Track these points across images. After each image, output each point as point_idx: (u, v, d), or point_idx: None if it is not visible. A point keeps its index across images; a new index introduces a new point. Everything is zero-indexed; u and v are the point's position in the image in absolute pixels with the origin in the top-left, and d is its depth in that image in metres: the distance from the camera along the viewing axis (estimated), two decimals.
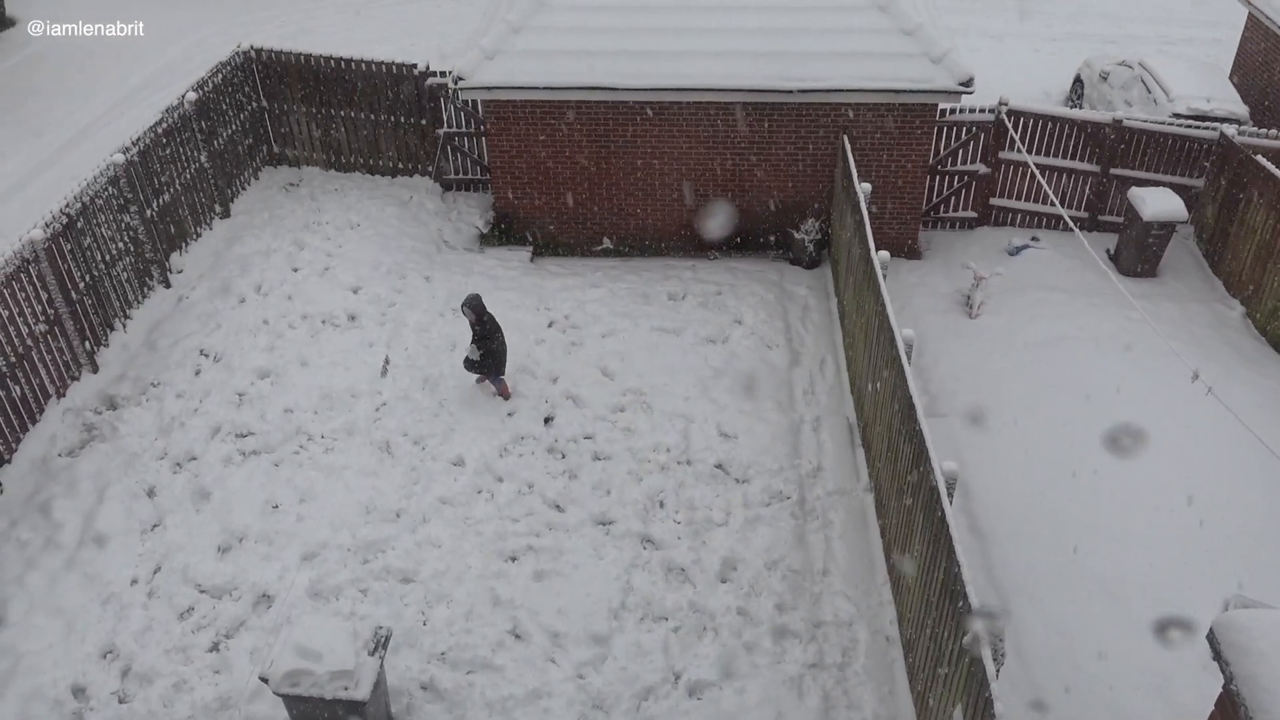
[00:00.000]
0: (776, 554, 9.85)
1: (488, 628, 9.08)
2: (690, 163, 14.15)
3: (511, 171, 14.40)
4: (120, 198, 12.40)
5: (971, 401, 11.63)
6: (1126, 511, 9.91)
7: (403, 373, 12.12)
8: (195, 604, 9.31)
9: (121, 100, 18.63)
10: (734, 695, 8.53)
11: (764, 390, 11.99)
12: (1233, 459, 10.37)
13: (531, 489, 10.56)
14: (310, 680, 7.37)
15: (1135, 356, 11.98)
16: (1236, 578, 9.14)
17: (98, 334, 12.02)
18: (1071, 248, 14.38)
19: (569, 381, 12.01)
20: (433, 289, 13.68)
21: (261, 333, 12.53)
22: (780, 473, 10.82)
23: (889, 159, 13.96)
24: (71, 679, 8.60)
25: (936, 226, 15.36)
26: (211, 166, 14.45)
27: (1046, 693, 8.39)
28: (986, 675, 6.09)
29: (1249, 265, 13.31)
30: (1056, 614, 9.04)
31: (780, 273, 14.38)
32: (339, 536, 9.92)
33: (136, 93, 18.90)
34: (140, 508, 10.23)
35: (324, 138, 15.80)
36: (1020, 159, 14.51)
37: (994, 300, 13.30)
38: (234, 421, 11.26)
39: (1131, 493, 10.10)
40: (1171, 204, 13.58)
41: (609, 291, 13.78)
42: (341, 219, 14.76)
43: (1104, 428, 10.81)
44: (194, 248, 14.11)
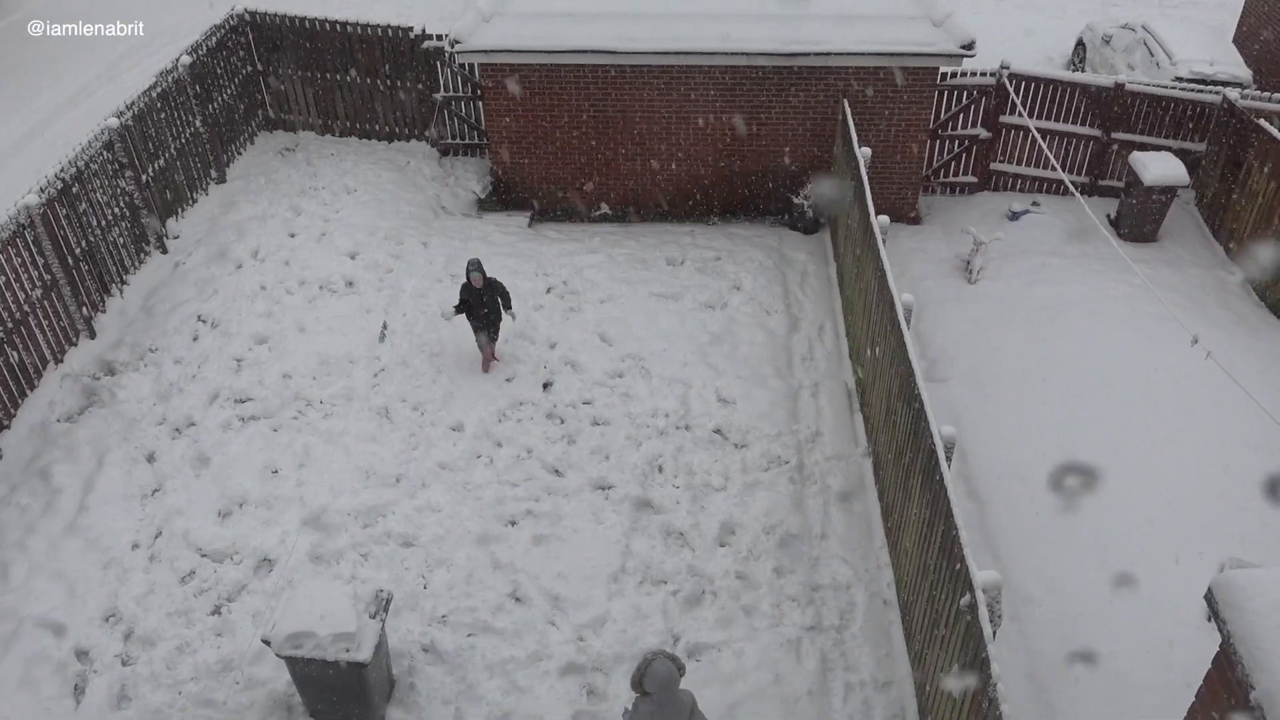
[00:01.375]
0: (775, 518, 9.89)
1: (488, 591, 9.13)
2: (689, 127, 14.05)
3: (509, 136, 14.31)
4: (115, 162, 12.32)
5: (970, 367, 11.63)
6: (1125, 476, 9.94)
7: (401, 338, 12.10)
8: (196, 568, 9.35)
9: (115, 64, 18.46)
10: (732, 658, 8.60)
11: (762, 355, 11.98)
12: (1232, 424, 10.39)
13: (530, 454, 10.58)
14: (312, 642, 7.42)
15: (1135, 322, 11.97)
16: (1234, 541, 9.19)
17: (95, 300, 11.98)
18: (1072, 212, 14.34)
19: (567, 347, 12.00)
20: (430, 255, 13.63)
21: (259, 298, 12.50)
22: (779, 438, 10.84)
23: (889, 123, 13.87)
24: (74, 642, 8.65)
25: (936, 191, 15.30)
26: (206, 131, 14.34)
27: (1043, 654, 8.46)
28: (984, 636, 6.13)
29: (1251, 230, 13.27)
30: (1054, 577, 9.09)
31: (779, 238, 14.33)
32: (339, 501, 9.95)
33: (132, 54, 18.72)
34: (140, 473, 10.25)
35: (320, 102, 15.68)
36: (1021, 123, 14.43)
37: (994, 265, 13.27)
38: (232, 387, 11.25)
39: (1130, 458, 10.13)
40: (1173, 168, 13.52)
41: (607, 257, 13.74)
42: (338, 184, 14.68)
43: (1103, 393, 10.83)
44: (190, 213, 14.04)
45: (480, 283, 10.94)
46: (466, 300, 11.11)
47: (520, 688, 8.36)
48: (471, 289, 11.03)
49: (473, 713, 8.16)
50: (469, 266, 10.95)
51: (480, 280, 10.93)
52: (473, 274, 10.91)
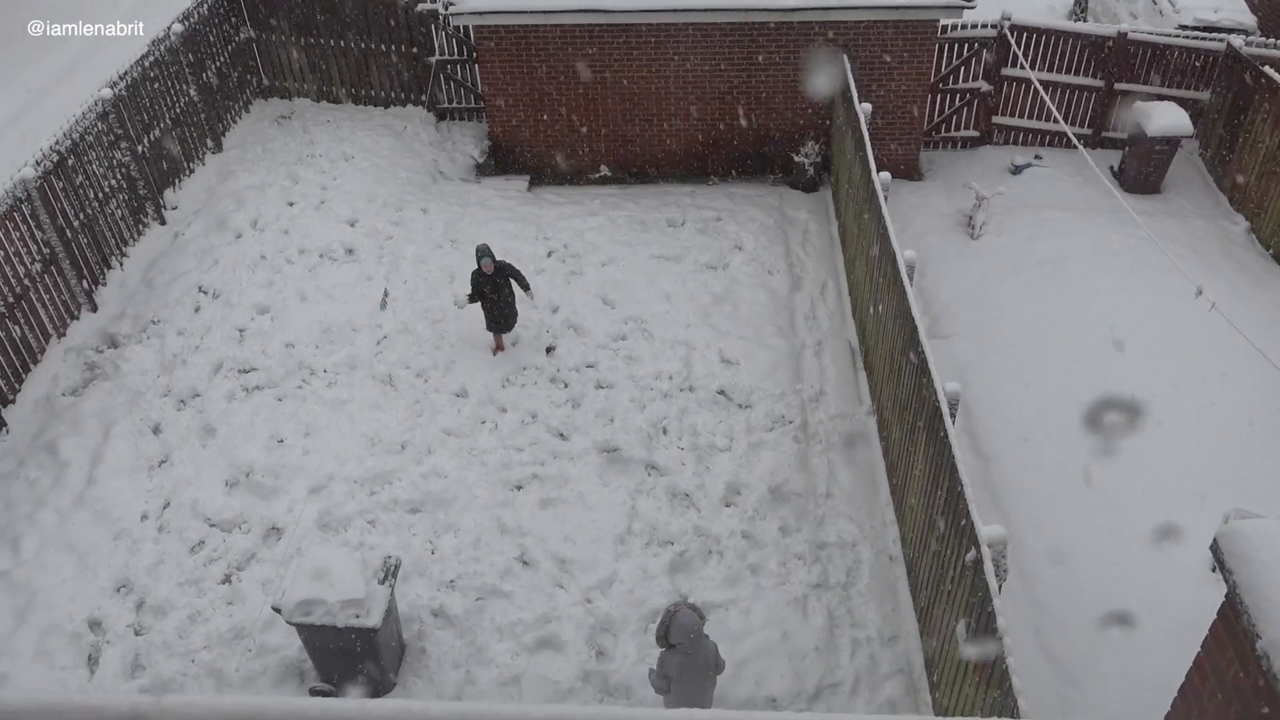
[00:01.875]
0: (780, 478, 9.91)
1: (495, 555, 9.19)
2: (687, 86, 13.92)
3: (506, 99, 14.19)
4: (110, 134, 12.24)
5: (974, 322, 11.59)
6: (1130, 430, 9.94)
7: (402, 305, 12.08)
8: (205, 537, 9.41)
9: (105, 33, 18.26)
10: (740, 616, 8.66)
11: (765, 315, 11.95)
12: (1236, 375, 10.37)
13: (535, 418, 10.60)
14: (322, 609, 7.47)
15: (1139, 274, 11.92)
16: (1239, 491, 9.21)
17: (95, 273, 11.95)
18: (1075, 165, 14.22)
19: (569, 311, 11.97)
20: (430, 220, 13.57)
21: (259, 268, 12.46)
22: (783, 397, 10.84)
23: (889, 78, 13.73)
24: (87, 613, 8.73)
25: (938, 146, 15.18)
26: (201, 100, 14.23)
27: (1048, 607, 8.51)
28: (989, 590, 6.17)
29: (1255, 180, 13.17)
30: (1059, 531, 9.12)
31: (780, 197, 14.25)
32: (345, 469, 9.98)
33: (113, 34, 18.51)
34: (146, 445, 10.28)
35: (315, 68, 15.54)
36: (1023, 75, 14.28)
37: (996, 220, 13.19)
38: (235, 357, 11.26)
39: (1135, 411, 10.11)
40: (1177, 118, 13.39)
41: (607, 219, 13.67)
42: (335, 151, 14.59)
43: (1107, 346, 10.80)
44: (187, 183, 13.97)
45: (491, 268, 10.63)
46: (480, 288, 10.81)
47: (530, 649, 8.43)
48: (483, 275, 10.72)
49: (483, 675, 8.25)
50: (479, 252, 10.64)
51: (491, 266, 10.62)
52: (483, 260, 10.58)
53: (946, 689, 7.28)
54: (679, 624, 6.61)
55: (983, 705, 6.24)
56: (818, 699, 8.07)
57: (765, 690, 8.10)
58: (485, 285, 10.76)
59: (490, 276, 10.70)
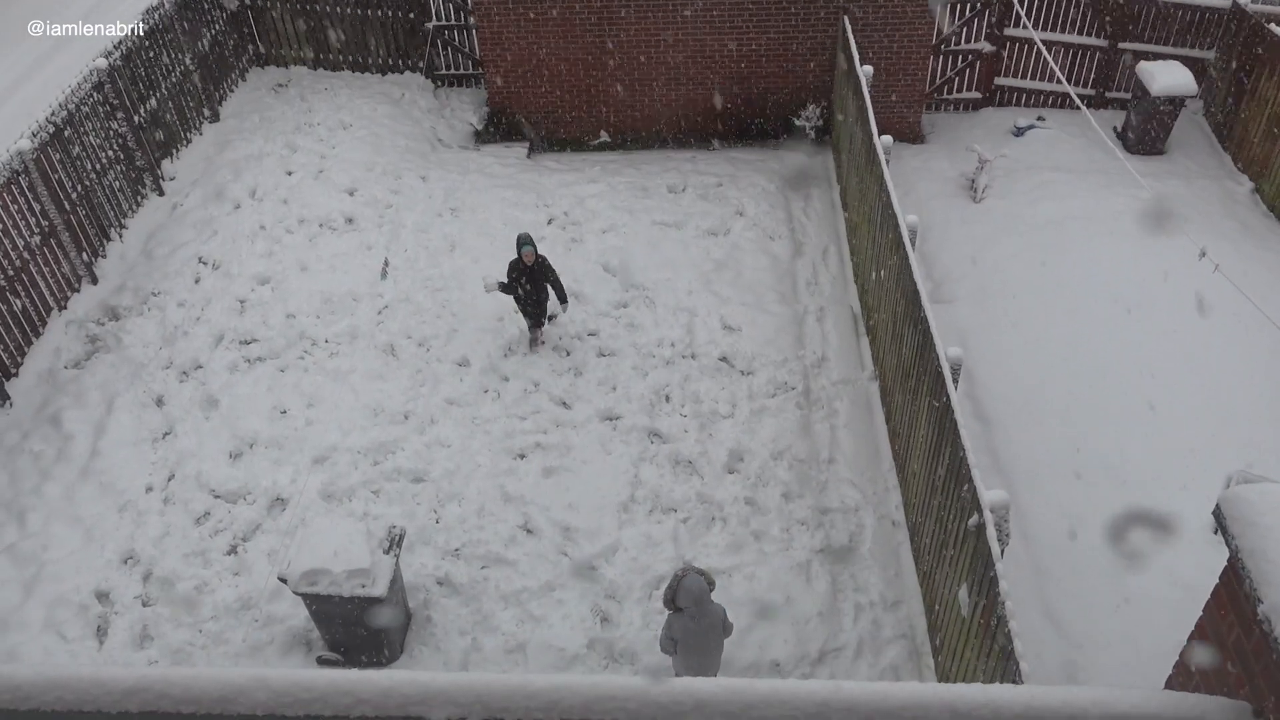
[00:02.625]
0: (783, 444, 9.92)
1: (500, 524, 9.22)
2: (687, 50, 13.79)
3: (504, 65, 14.06)
4: (106, 104, 12.16)
5: (976, 287, 11.55)
6: (1132, 393, 9.93)
7: (403, 274, 12.05)
8: (211, 509, 9.45)
9: (101, 3, 18.09)
10: (744, 581, 8.70)
11: (767, 281, 11.91)
12: (1240, 337, 10.34)
13: (538, 387, 10.60)
14: (328, 579, 7.52)
15: (1143, 236, 11.85)
16: (1242, 455, 9.21)
17: (94, 244, 11.92)
18: (1078, 126, 14.10)
19: (570, 278, 11.91)
20: (429, 189, 13.50)
21: (259, 238, 12.42)
22: (785, 364, 10.83)
23: (891, 40, 13.59)
24: (94, 584, 8.78)
25: (940, 109, 15.06)
26: (197, 69, 14.12)
27: (1050, 572, 8.55)
28: (991, 555, 6.19)
29: (1259, 140, 13.06)
30: (1061, 496, 9.14)
31: (782, 161, 14.15)
32: (349, 439, 10.00)
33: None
34: (150, 417, 10.30)
35: (311, 35, 15.39)
36: (1026, 35, 14.12)
37: (999, 183, 13.11)
38: (237, 329, 11.25)
39: (1137, 374, 10.11)
40: (1181, 78, 13.25)
41: (608, 186, 13.60)
42: (333, 119, 14.48)
43: (1110, 309, 10.76)
44: (185, 153, 13.89)
45: (532, 259, 10.07)
46: (516, 279, 10.26)
47: (535, 617, 8.49)
48: (522, 265, 10.14)
49: (489, 643, 8.31)
50: (520, 241, 10.06)
51: (533, 256, 10.06)
52: (524, 249, 9.99)
53: (949, 654, 7.33)
54: (685, 589, 6.66)
55: (985, 670, 6.28)
56: (821, 663, 8.13)
57: (769, 655, 8.16)
58: (522, 277, 10.21)
59: (528, 269, 10.16)
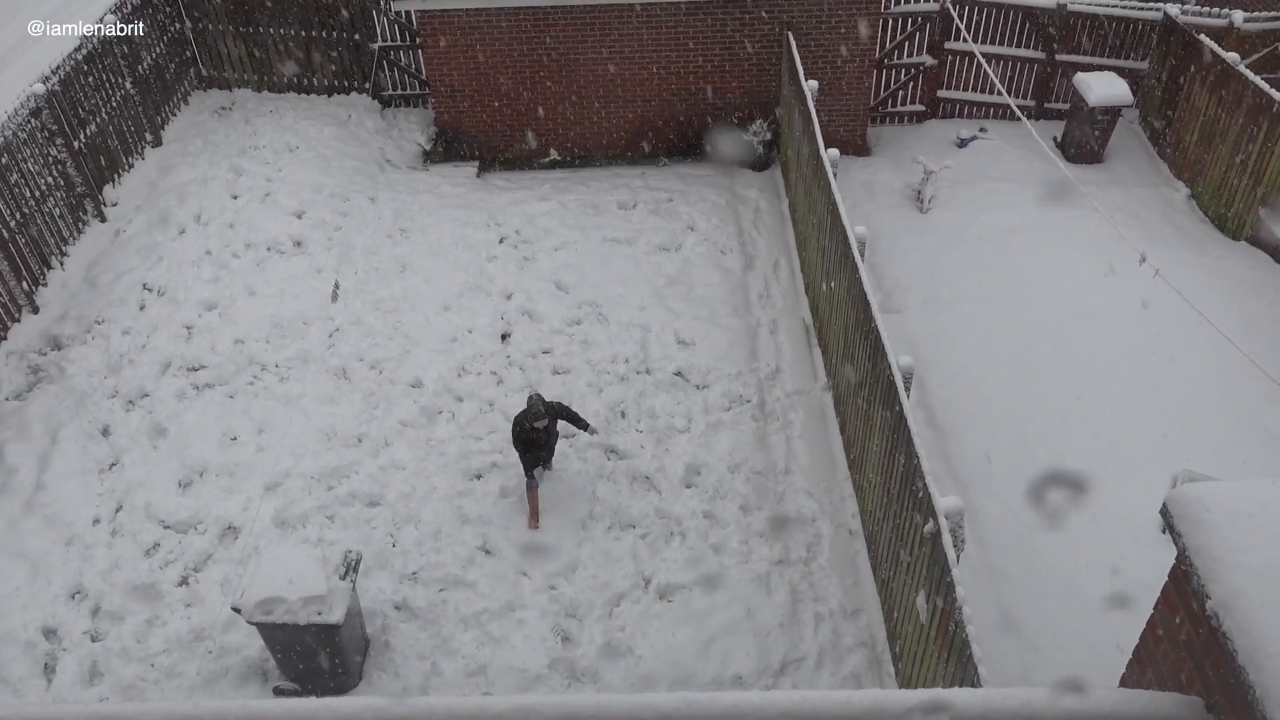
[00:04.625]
0: (739, 457, 9.96)
1: (457, 545, 9.14)
2: (634, 68, 13.87)
3: (451, 85, 14.04)
4: (45, 130, 11.93)
5: (925, 296, 11.71)
6: (1080, 397, 10.11)
7: (353, 297, 11.94)
8: (160, 540, 9.26)
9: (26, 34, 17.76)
10: (704, 595, 8.71)
11: (719, 295, 11.98)
12: (1182, 340, 10.58)
13: (493, 407, 10.55)
14: (283, 608, 7.40)
15: (1085, 243, 12.10)
16: (1188, 454, 9.41)
17: (35, 273, 11.67)
18: (1019, 137, 14.39)
19: (523, 297, 11.91)
20: (379, 209, 13.41)
21: (205, 263, 12.24)
22: (739, 377, 10.88)
23: (835, 54, 13.77)
24: (41, 621, 8.56)
25: (885, 121, 15.28)
26: (138, 92, 13.91)
27: (1006, 575, 8.65)
28: (948, 560, 6.25)
29: (1193, 147, 13.41)
30: (1014, 500, 9.27)
31: (731, 176, 14.26)
32: (301, 465, 9.87)
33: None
34: (95, 447, 10.08)
35: (254, 57, 15.25)
36: (966, 49, 14.39)
37: (944, 193, 13.32)
38: (184, 355, 11.06)
39: (1084, 378, 10.30)
40: (1117, 88, 13.58)
41: (559, 204, 13.60)
42: (279, 141, 14.34)
43: (1056, 315, 10.96)
44: (126, 179, 13.66)
45: (542, 425, 8.73)
46: (524, 438, 8.86)
47: (495, 638, 8.42)
48: (534, 432, 8.80)
49: (449, 666, 8.22)
50: (530, 406, 8.65)
51: (543, 418, 8.68)
52: (538, 423, 8.63)
53: (909, 660, 7.39)
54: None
55: (945, 674, 6.34)
56: (783, 674, 8.15)
57: (731, 668, 8.17)
58: (527, 433, 8.85)
59: (539, 433, 8.86)
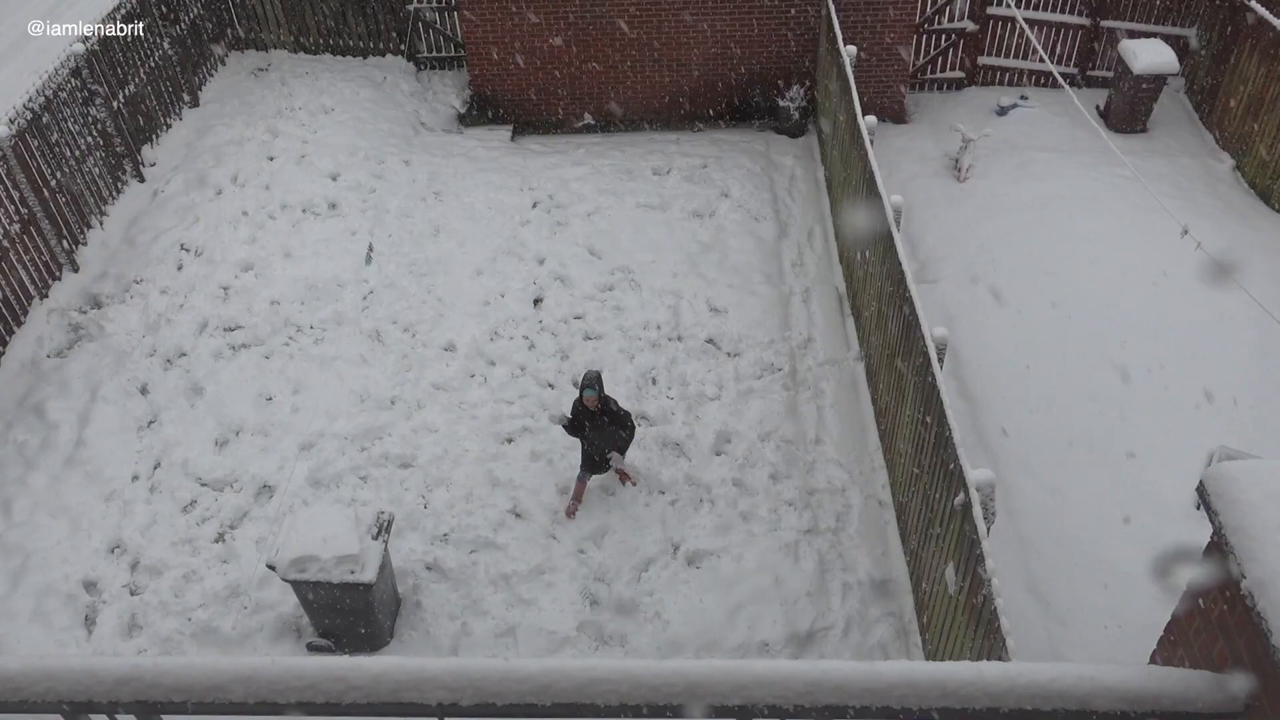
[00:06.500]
0: (769, 425, 9.95)
1: (488, 508, 9.23)
2: (671, 31, 13.73)
3: (487, 47, 13.97)
4: (84, 89, 12.02)
5: (961, 266, 11.59)
6: (1116, 368, 10.00)
7: (388, 259, 12.00)
8: (197, 497, 9.42)
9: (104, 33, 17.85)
10: (732, 563, 8.74)
11: (752, 263, 11.92)
12: (1223, 314, 10.41)
13: (524, 371, 10.59)
14: (317, 565, 7.51)
15: (1125, 214, 11.90)
16: (1223, 431, 9.29)
17: (75, 232, 11.82)
18: (1061, 105, 14.13)
19: (556, 262, 11.91)
20: (413, 173, 13.43)
21: (241, 224, 12.34)
22: (771, 345, 10.85)
23: (874, 20, 13.56)
24: (82, 574, 8.75)
25: (923, 88, 15.05)
26: (175, 53, 13.97)
27: (1036, 547, 8.61)
28: (978, 533, 6.23)
29: (1240, 117, 13.11)
30: (1045, 473, 9.21)
31: (766, 143, 14.13)
32: (335, 425, 9.97)
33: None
34: (134, 405, 10.25)
35: (291, 18, 15.25)
36: (1008, 14, 14.11)
37: (983, 162, 13.13)
38: (221, 316, 11.18)
39: (1121, 349, 10.17)
40: (1163, 55, 13.28)
41: (592, 169, 13.55)
42: (314, 103, 14.37)
43: (1094, 288, 10.82)
44: (165, 139, 13.76)
45: (595, 404, 8.57)
46: (579, 420, 8.78)
47: (524, 600, 8.51)
48: (584, 410, 8.70)
49: (479, 627, 8.32)
50: (585, 382, 8.52)
51: (596, 401, 8.54)
52: (587, 393, 8.50)
53: (936, 631, 7.39)
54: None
55: (973, 647, 6.34)
56: (810, 642, 8.18)
57: (758, 635, 8.21)
58: (585, 419, 8.78)
59: (592, 415, 8.72)
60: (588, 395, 8.50)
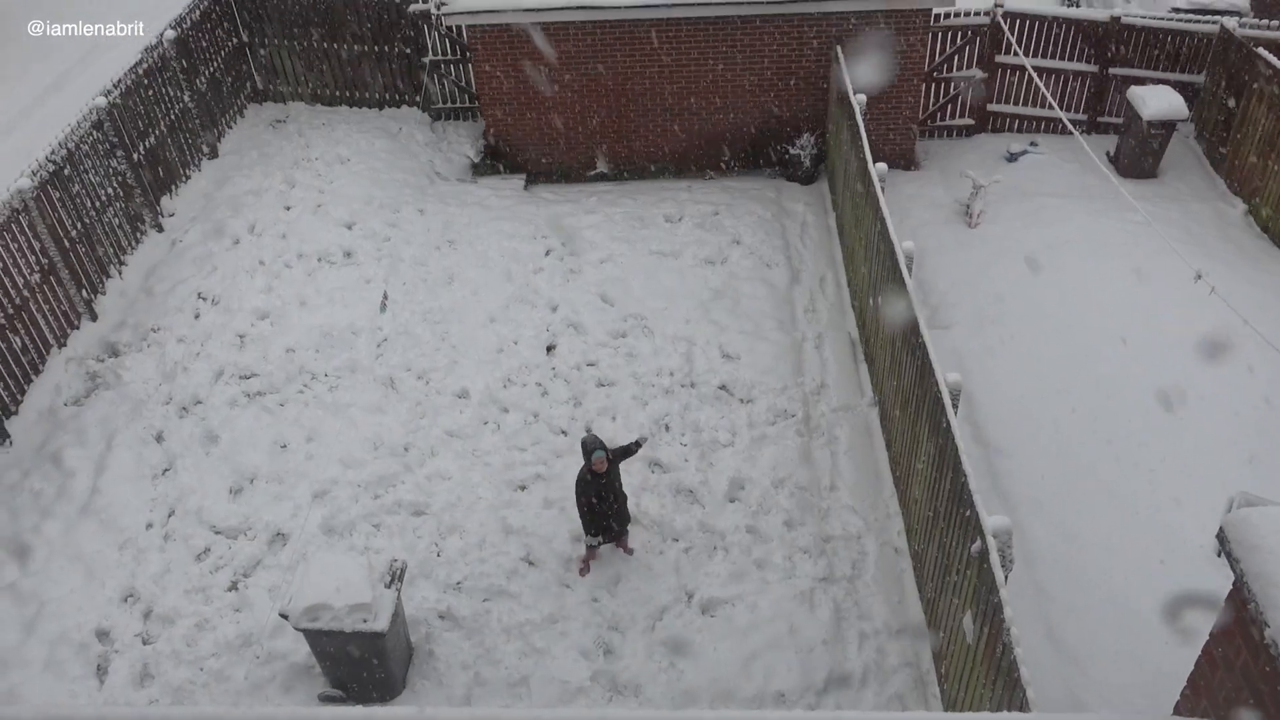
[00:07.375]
0: (783, 472, 9.92)
1: (501, 556, 9.19)
2: (682, 81, 13.90)
3: (501, 98, 14.17)
4: (106, 142, 12.23)
5: (973, 311, 11.59)
6: (1130, 415, 9.94)
7: (402, 307, 12.08)
8: (211, 545, 9.42)
9: (96, 45, 18.22)
10: (746, 611, 8.67)
11: (765, 309, 11.95)
12: (1237, 359, 10.36)
13: (537, 418, 10.60)
14: (329, 614, 7.48)
15: (1137, 259, 11.91)
16: (1241, 477, 9.21)
17: (94, 282, 11.95)
18: (1071, 151, 14.21)
19: (569, 309, 11.97)
20: (428, 221, 13.57)
21: (258, 273, 12.46)
22: (784, 391, 10.84)
23: (883, 68, 13.70)
24: (95, 623, 8.74)
25: (934, 135, 15.16)
26: (195, 106, 14.21)
27: (1054, 596, 8.52)
28: (996, 581, 6.17)
29: (1251, 162, 13.15)
30: (1062, 519, 9.13)
31: (778, 190, 14.23)
32: (349, 473, 9.99)
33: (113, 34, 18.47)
34: (150, 453, 10.29)
35: (308, 71, 15.52)
36: (1018, 62, 14.25)
37: (993, 208, 13.19)
38: (237, 364, 11.25)
39: (1135, 396, 10.12)
40: (1172, 102, 13.36)
41: (605, 216, 13.67)
42: (331, 154, 14.57)
43: (1106, 333, 10.80)
44: (184, 190, 13.95)
45: (604, 467, 8.31)
46: (587, 492, 8.44)
47: (538, 649, 8.44)
48: (592, 474, 8.38)
49: (491, 676, 8.26)
50: (588, 446, 8.32)
51: (604, 464, 8.30)
52: (595, 454, 8.24)
53: (955, 681, 7.29)
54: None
55: (992, 697, 6.25)
56: (826, 693, 8.08)
57: (774, 685, 8.12)
58: (592, 488, 8.44)
59: (600, 478, 8.40)
60: (596, 458, 8.25)
